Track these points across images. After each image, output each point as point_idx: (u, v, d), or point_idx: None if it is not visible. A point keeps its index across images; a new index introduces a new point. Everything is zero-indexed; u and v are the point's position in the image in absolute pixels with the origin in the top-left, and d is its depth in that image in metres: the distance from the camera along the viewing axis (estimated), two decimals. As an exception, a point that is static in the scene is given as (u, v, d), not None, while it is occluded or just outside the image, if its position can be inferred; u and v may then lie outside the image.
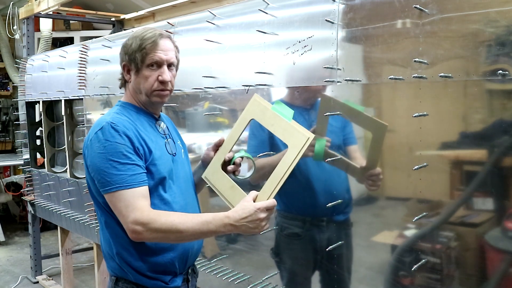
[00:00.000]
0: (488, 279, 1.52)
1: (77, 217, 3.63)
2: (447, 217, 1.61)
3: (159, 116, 1.78)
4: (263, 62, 2.14)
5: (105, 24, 5.37)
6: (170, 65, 1.67)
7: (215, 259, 2.43)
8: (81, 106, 3.58)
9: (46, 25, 5.45)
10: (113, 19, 4.88)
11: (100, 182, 1.56)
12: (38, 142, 4.58)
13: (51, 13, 4.63)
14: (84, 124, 3.57)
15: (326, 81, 1.88)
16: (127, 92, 1.74)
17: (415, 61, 1.59)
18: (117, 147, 1.54)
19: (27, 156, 4.53)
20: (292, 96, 2.04)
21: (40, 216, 4.47)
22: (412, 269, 1.64)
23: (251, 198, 1.55)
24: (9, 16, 5.69)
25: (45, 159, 4.18)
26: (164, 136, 1.73)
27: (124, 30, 4.71)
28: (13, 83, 6.74)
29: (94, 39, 3.73)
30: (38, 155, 4.54)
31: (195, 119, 2.63)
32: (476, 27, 1.47)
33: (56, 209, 3.96)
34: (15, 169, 6.63)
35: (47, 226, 6.06)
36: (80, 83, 3.53)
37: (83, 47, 3.58)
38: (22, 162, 4.69)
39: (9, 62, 6.65)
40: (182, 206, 1.68)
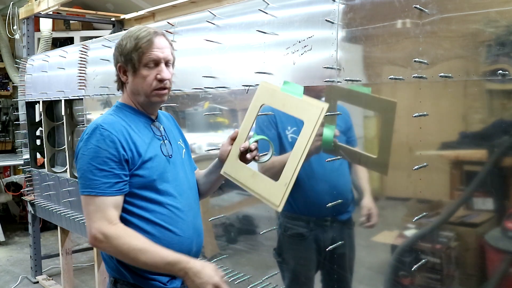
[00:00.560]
0: (488, 279, 1.52)
1: (77, 217, 3.62)
2: (447, 217, 1.61)
3: (156, 117, 1.76)
4: (263, 62, 2.14)
5: (105, 24, 5.36)
6: (167, 63, 1.66)
7: (215, 259, 2.43)
8: (81, 106, 3.58)
9: (46, 25, 5.44)
10: (113, 19, 4.88)
11: (79, 183, 1.58)
12: (38, 142, 4.58)
13: (51, 13, 4.63)
14: (84, 124, 3.57)
15: (326, 81, 1.88)
16: (125, 93, 1.73)
17: (415, 61, 1.59)
18: (99, 152, 1.54)
19: (27, 156, 4.52)
20: None
21: (40, 216, 4.46)
22: (412, 269, 1.64)
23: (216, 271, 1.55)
24: (9, 16, 5.69)
25: (45, 159, 4.18)
26: (161, 138, 1.71)
27: (124, 30, 4.71)
28: (13, 83, 6.73)
29: (94, 39, 3.73)
30: (38, 155, 4.54)
31: (195, 119, 2.63)
32: (476, 27, 1.47)
33: (56, 209, 3.96)
34: (15, 169, 6.63)
35: (47, 226, 6.05)
36: (80, 83, 3.53)
37: (83, 47, 3.58)
38: (22, 162, 4.69)
39: (9, 62, 6.64)
40: (177, 207, 1.66)
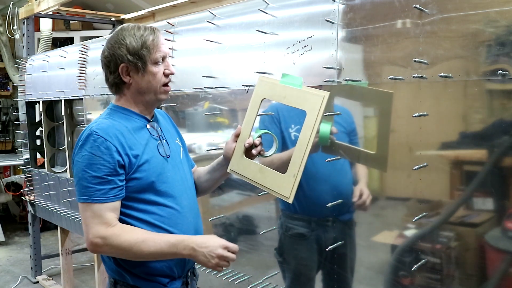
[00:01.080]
0: (488, 279, 1.52)
1: (77, 217, 3.62)
2: (447, 217, 1.61)
3: (152, 116, 1.73)
4: (263, 62, 2.14)
5: (105, 24, 5.36)
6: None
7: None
8: (81, 106, 3.58)
9: (46, 25, 5.44)
10: (113, 19, 4.87)
11: (76, 189, 1.58)
12: (38, 142, 4.58)
13: (51, 13, 4.62)
14: (84, 124, 3.57)
15: (326, 81, 1.88)
16: (121, 95, 1.67)
17: (415, 61, 1.59)
18: (93, 159, 1.53)
19: (27, 156, 4.52)
20: None
21: (40, 216, 4.46)
22: (412, 269, 1.64)
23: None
24: (9, 16, 5.68)
25: (45, 159, 4.18)
26: (157, 138, 1.68)
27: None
28: (13, 83, 6.73)
29: (94, 39, 3.73)
30: (38, 155, 4.53)
31: (195, 119, 2.63)
32: (476, 27, 1.47)
33: (56, 209, 3.96)
34: (15, 169, 6.63)
35: (47, 226, 6.05)
36: (80, 83, 3.53)
37: (83, 47, 3.58)
38: (22, 162, 4.69)
39: (9, 62, 6.64)
40: (177, 208, 1.65)
